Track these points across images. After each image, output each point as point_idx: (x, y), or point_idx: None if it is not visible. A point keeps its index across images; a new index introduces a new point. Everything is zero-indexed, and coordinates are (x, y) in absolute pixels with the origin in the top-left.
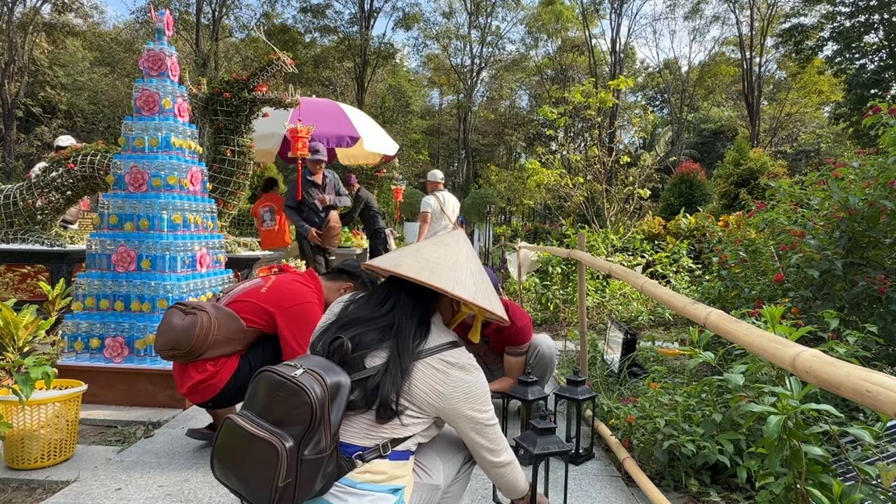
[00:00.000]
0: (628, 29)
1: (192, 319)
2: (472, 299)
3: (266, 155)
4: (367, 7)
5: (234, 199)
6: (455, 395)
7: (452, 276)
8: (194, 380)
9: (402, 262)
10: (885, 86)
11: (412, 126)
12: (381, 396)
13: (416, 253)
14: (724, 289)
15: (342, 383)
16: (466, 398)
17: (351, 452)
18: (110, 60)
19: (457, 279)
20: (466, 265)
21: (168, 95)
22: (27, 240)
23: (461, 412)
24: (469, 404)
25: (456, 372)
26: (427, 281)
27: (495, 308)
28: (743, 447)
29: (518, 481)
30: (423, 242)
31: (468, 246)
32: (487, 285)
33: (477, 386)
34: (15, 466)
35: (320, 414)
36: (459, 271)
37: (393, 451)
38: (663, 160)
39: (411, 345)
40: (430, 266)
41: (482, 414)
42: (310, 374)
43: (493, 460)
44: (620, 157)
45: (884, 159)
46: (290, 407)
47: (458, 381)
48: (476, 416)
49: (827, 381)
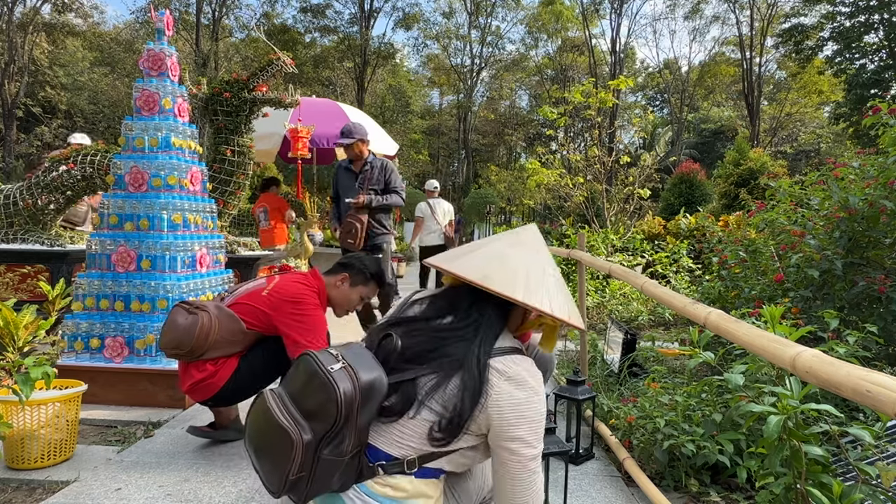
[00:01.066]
0: (628, 29)
1: (193, 319)
2: (568, 319)
3: (266, 155)
4: (367, 7)
5: (234, 199)
6: (495, 407)
7: (546, 291)
8: (194, 378)
9: (489, 274)
10: (885, 86)
11: (412, 126)
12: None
13: (502, 261)
14: (724, 289)
15: (377, 385)
16: (509, 415)
17: (375, 459)
18: (110, 60)
19: (552, 296)
20: (554, 273)
21: (168, 95)
22: (27, 240)
23: (499, 431)
24: (509, 424)
25: (503, 383)
26: (523, 300)
27: (579, 321)
28: (743, 447)
29: None
30: (502, 242)
31: (545, 245)
32: (569, 293)
33: (526, 406)
34: (15, 466)
35: (346, 415)
36: (550, 285)
37: (421, 468)
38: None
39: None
40: (522, 280)
41: (524, 447)
42: (346, 370)
43: None
44: (620, 157)
45: (884, 159)
46: (319, 401)
47: (504, 394)
48: (514, 445)
49: (827, 381)
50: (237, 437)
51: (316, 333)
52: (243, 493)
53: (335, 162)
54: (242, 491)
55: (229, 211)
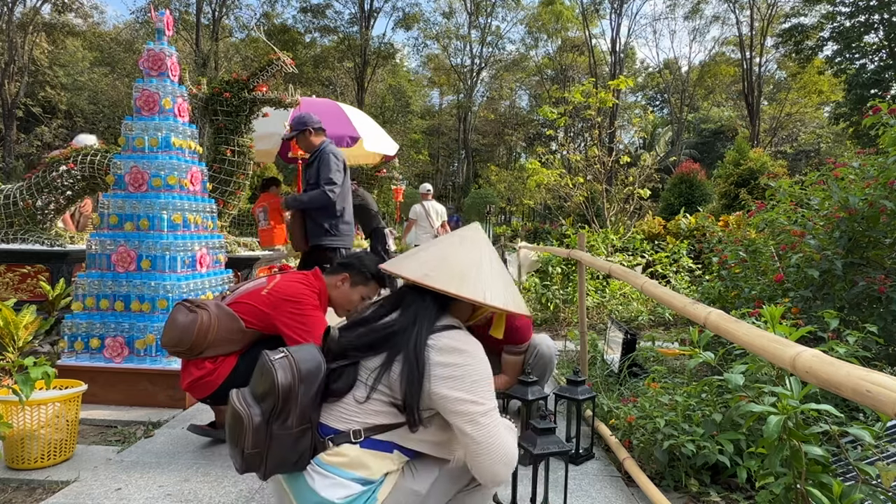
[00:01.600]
0: (628, 29)
1: (193, 317)
2: (504, 306)
3: (266, 155)
4: (367, 7)
5: (234, 199)
6: (435, 377)
7: (483, 283)
8: (193, 376)
9: (430, 273)
10: (885, 86)
11: (412, 126)
12: (359, 379)
13: (442, 259)
14: (724, 289)
15: (314, 370)
16: (446, 381)
17: (326, 434)
18: (110, 60)
19: (487, 286)
20: (491, 266)
21: (168, 95)
22: (27, 240)
23: (443, 402)
24: (448, 388)
25: (435, 355)
26: (457, 293)
27: (521, 308)
28: (743, 447)
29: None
30: (445, 242)
31: (487, 242)
32: (510, 283)
33: (460, 369)
34: (15, 466)
35: (285, 395)
36: (487, 276)
37: (367, 439)
38: (663, 160)
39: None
40: (458, 275)
41: (470, 405)
42: (287, 359)
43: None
44: (620, 157)
45: (884, 159)
46: (264, 385)
47: (437, 365)
48: (459, 407)
49: (827, 381)
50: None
51: (314, 333)
52: (243, 493)
53: None
54: (242, 491)
55: (229, 211)
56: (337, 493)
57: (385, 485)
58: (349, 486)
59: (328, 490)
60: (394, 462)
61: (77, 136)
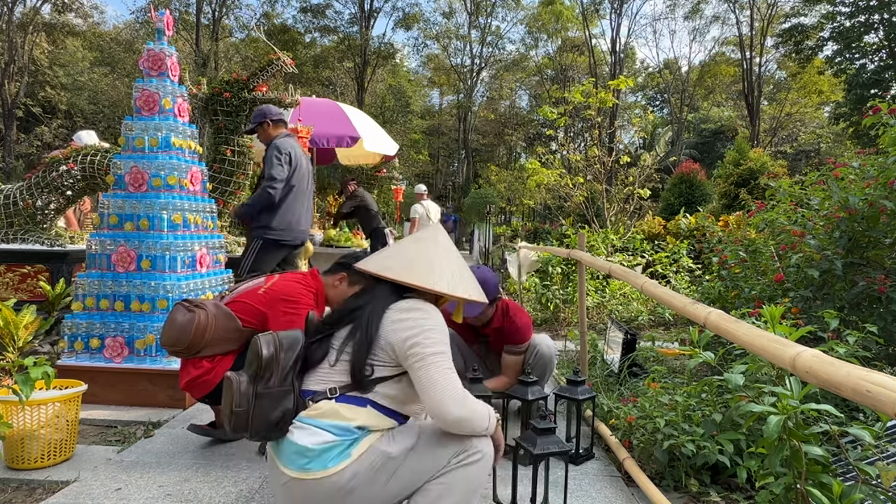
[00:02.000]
0: (628, 29)
1: (191, 317)
2: (448, 291)
3: None
4: (367, 7)
5: (234, 199)
6: (392, 330)
7: (432, 273)
8: (191, 375)
9: (388, 266)
10: (885, 86)
11: (412, 126)
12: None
13: (399, 254)
14: (724, 289)
15: (293, 338)
16: (401, 331)
17: (307, 396)
18: (110, 60)
19: (435, 275)
20: (441, 259)
21: (168, 95)
22: (27, 240)
23: (401, 350)
24: (404, 332)
25: (394, 314)
26: (407, 280)
27: (473, 295)
28: (743, 447)
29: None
30: (405, 242)
31: (444, 238)
32: (465, 273)
33: (412, 320)
34: (15, 466)
35: (268, 360)
36: (437, 267)
37: (342, 395)
38: (663, 160)
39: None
40: (410, 266)
41: (421, 348)
42: (271, 335)
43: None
44: (620, 157)
45: (884, 159)
46: (251, 356)
47: (393, 321)
48: (411, 350)
49: (827, 381)
50: (237, 436)
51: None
52: (243, 493)
53: (335, 162)
54: (242, 491)
55: (229, 211)
56: (312, 440)
57: (361, 443)
58: (323, 435)
59: (305, 438)
60: (368, 416)
61: (77, 132)
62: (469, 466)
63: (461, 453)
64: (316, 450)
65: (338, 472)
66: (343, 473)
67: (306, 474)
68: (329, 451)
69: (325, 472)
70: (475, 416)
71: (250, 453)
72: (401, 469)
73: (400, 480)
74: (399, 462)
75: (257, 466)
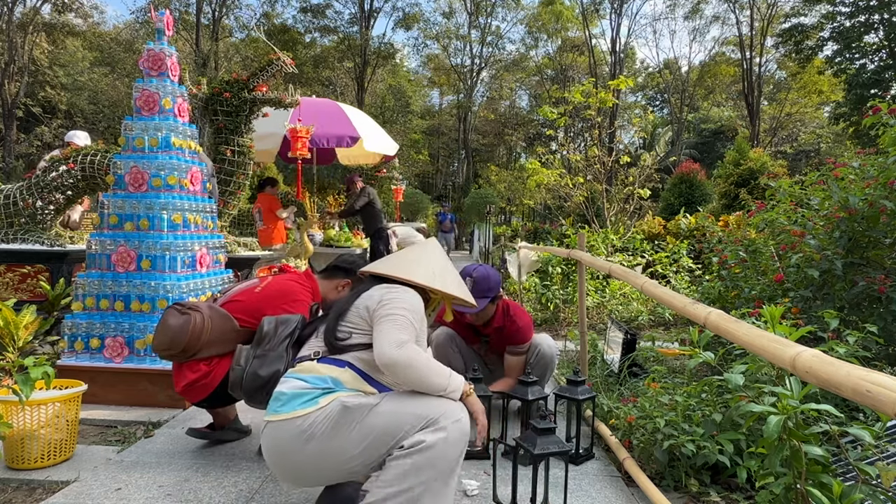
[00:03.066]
0: (628, 29)
1: (185, 319)
2: (426, 283)
3: (266, 155)
4: (367, 7)
5: (234, 199)
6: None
7: (412, 269)
8: (188, 379)
9: (378, 265)
10: (885, 86)
11: (412, 126)
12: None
13: (391, 258)
14: (724, 289)
15: (293, 318)
16: (378, 297)
17: (296, 361)
18: (110, 60)
19: (415, 271)
20: (427, 260)
21: (168, 95)
22: (27, 240)
23: (372, 302)
24: (379, 298)
25: (374, 291)
26: (387, 272)
27: (451, 290)
28: (743, 447)
29: (432, 382)
30: (402, 251)
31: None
32: (449, 274)
33: (389, 295)
34: (15, 466)
35: (268, 330)
36: (421, 265)
37: (324, 357)
38: (663, 160)
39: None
40: (395, 265)
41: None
42: (274, 317)
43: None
44: (620, 157)
45: (884, 159)
46: (257, 333)
47: (372, 294)
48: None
49: (827, 381)
50: (237, 437)
51: None
52: (243, 493)
53: (335, 162)
54: (242, 491)
55: (229, 211)
56: (286, 386)
57: (331, 396)
58: (298, 383)
59: (281, 386)
60: (343, 375)
61: (68, 132)
62: (435, 443)
63: (424, 421)
64: (288, 394)
65: (301, 416)
66: (305, 419)
67: (275, 416)
68: (299, 396)
69: (289, 415)
70: (418, 366)
71: (250, 453)
72: (360, 426)
73: (359, 438)
74: (357, 417)
75: (257, 466)
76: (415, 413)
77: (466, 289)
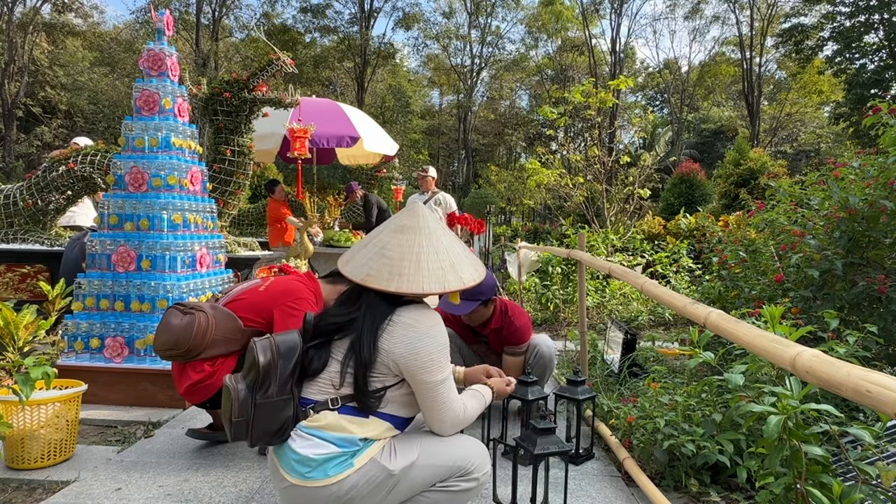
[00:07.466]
0: (628, 29)
1: (189, 319)
2: (443, 290)
3: (266, 155)
4: (367, 7)
5: (234, 199)
6: (394, 347)
7: (420, 274)
8: (192, 380)
9: (371, 273)
10: (885, 86)
11: (412, 126)
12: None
13: (380, 254)
14: (724, 289)
15: (291, 345)
16: (406, 351)
17: (307, 404)
18: (110, 60)
19: (424, 277)
20: (429, 252)
21: (168, 95)
22: (27, 240)
23: (405, 367)
24: (408, 359)
25: (395, 329)
26: (396, 290)
27: (468, 281)
28: (743, 447)
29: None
30: (384, 232)
31: (427, 222)
32: (457, 258)
33: (419, 343)
34: (15, 466)
35: (266, 368)
36: (424, 264)
37: (344, 406)
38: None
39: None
40: (396, 269)
41: (427, 374)
42: (268, 340)
43: (443, 426)
44: (620, 157)
45: (884, 159)
46: (248, 363)
47: (398, 337)
48: (420, 376)
49: (827, 381)
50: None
51: None
52: (243, 493)
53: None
54: (242, 491)
55: (229, 211)
56: (314, 451)
57: (363, 455)
58: (326, 447)
59: (306, 449)
60: (371, 427)
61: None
62: (466, 489)
63: (460, 472)
64: (318, 460)
65: (338, 481)
66: (343, 483)
67: (307, 482)
68: (330, 460)
69: (325, 481)
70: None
71: (250, 453)
72: (400, 484)
73: (398, 495)
74: (399, 478)
75: (257, 466)
76: (453, 466)
77: (477, 264)
